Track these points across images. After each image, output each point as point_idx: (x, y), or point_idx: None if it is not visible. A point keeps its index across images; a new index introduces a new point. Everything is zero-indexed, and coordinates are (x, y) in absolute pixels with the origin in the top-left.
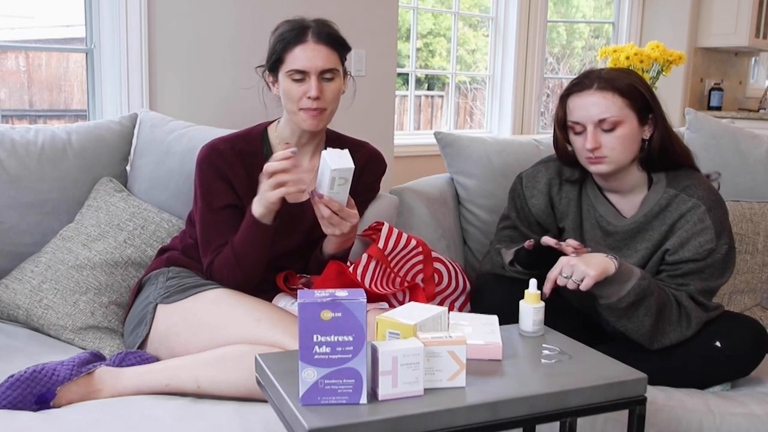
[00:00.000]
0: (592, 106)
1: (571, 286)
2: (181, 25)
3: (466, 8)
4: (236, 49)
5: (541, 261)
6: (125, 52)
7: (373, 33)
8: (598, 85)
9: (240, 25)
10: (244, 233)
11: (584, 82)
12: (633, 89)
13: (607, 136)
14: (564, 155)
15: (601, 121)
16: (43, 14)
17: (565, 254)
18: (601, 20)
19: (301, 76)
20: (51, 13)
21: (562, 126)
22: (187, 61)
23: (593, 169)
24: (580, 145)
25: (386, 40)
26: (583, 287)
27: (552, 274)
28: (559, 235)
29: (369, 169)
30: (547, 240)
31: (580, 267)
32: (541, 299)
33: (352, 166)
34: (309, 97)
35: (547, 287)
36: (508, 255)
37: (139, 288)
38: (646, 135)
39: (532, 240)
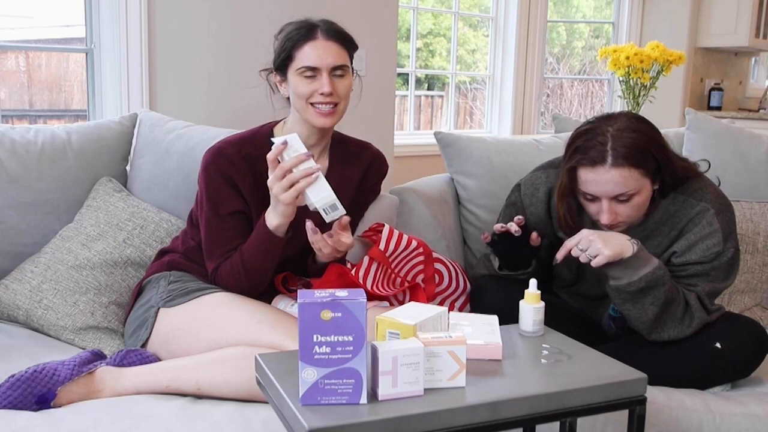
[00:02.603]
0: (608, 183)
1: (583, 259)
2: (181, 25)
3: (466, 8)
4: (236, 49)
5: (512, 252)
6: (125, 52)
7: (373, 33)
8: (613, 161)
9: (240, 25)
10: (255, 244)
11: (594, 155)
12: (646, 155)
13: (623, 206)
14: (563, 225)
15: (618, 195)
16: (43, 14)
17: (511, 235)
18: (601, 20)
19: (312, 73)
20: (51, 13)
21: (567, 193)
22: (187, 61)
23: (615, 231)
24: (594, 211)
25: (386, 40)
26: (594, 264)
27: (569, 243)
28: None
29: (372, 172)
30: (496, 227)
31: (597, 244)
32: (553, 264)
33: (332, 195)
34: (322, 94)
35: (561, 254)
36: (495, 260)
37: (139, 290)
38: (656, 185)
39: (486, 233)
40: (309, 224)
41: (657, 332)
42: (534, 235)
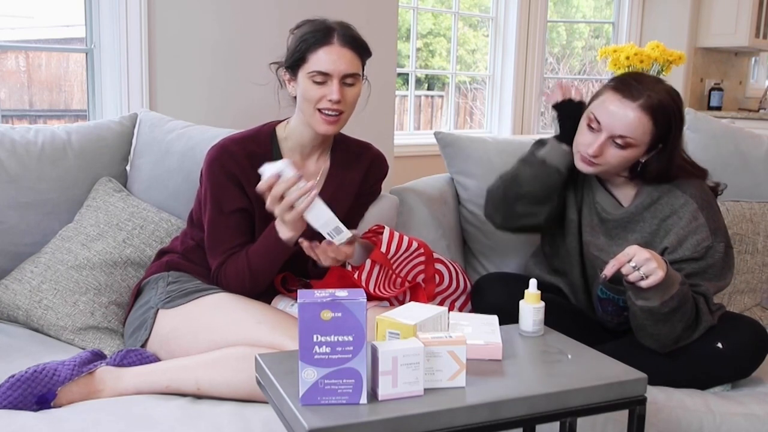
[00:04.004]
0: (623, 119)
1: (633, 278)
2: (181, 24)
3: (466, 8)
4: (236, 49)
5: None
6: (125, 52)
7: (373, 33)
8: (644, 102)
9: (240, 25)
10: (264, 250)
11: (631, 90)
12: (667, 119)
13: (613, 150)
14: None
15: (620, 137)
16: (43, 14)
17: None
18: (601, 20)
19: (323, 78)
20: (51, 13)
21: (589, 103)
22: (187, 61)
23: (579, 166)
24: (587, 141)
25: (386, 40)
26: (646, 284)
27: (622, 257)
28: (563, 217)
29: (372, 171)
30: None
31: (653, 263)
32: (600, 281)
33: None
34: (330, 100)
35: (610, 269)
36: (555, 124)
37: (138, 291)
38: (644, 158)
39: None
40: (305, 244)
41: (673, 345)
42: None
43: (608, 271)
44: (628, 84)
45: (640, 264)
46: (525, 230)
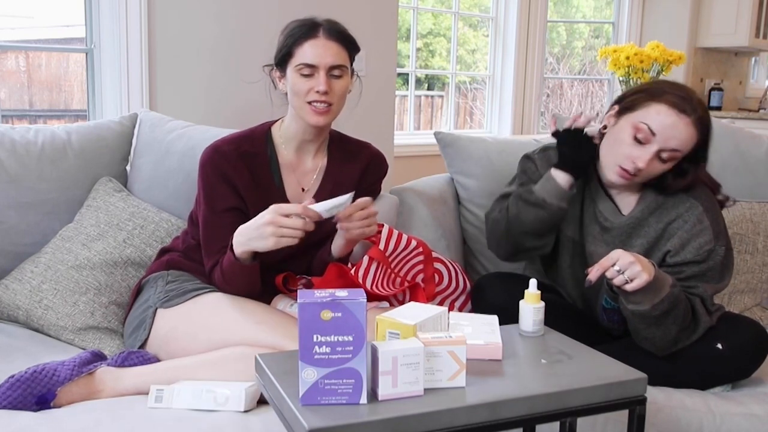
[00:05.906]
0: (681, 133)
1: (618, 281)
2: (181, 25)
3: (466, 8)
4: (236, 49)
5: (574, 147)
6: (125, 52)
7: (373, 33)
8: (695, 118)
9: (240, 25)
10: (229, 268)
11: (686, 104)
12: (707, 136)
13: (657, 163)
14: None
15: (673, 150)
16: (43, 14)
17: (577, 131)
18: (601, 20)
19: (309, 70)
20: (51, 13)
21: (621, 112)
22: (187, 61)
23: (614, 179)
24: (634, 154)
25: (386, 40)
26: (630, 287)
27: (606, 262)
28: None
29: (371, 170)
30: (573, 123)
31: (636, 266)
32: (586, 286)
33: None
34: (317, 92)
35: (595, 273)
36: (555, 155)
37: (138, 290)
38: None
39: (553, 120)
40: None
41: (671, 348)
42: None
43: (592, 275)
44: (682, 98)
45: (624, 268)
46: (529, 258)
